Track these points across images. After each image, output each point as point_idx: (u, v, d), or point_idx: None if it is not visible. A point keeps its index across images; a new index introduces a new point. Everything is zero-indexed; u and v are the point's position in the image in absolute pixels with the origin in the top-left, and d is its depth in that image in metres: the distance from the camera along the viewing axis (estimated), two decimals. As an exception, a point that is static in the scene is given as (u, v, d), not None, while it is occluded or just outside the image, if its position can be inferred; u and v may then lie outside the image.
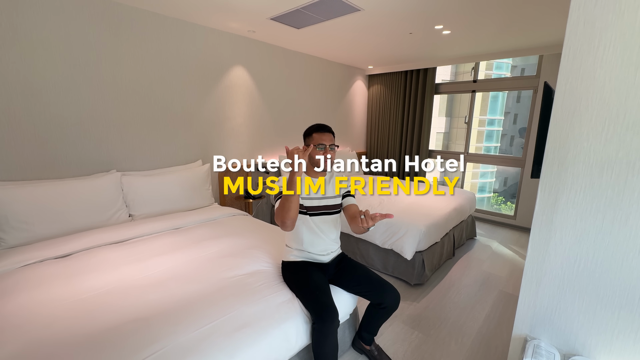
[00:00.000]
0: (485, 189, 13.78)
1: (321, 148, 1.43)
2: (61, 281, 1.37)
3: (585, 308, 1.12)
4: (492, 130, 13.23)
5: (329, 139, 1.45)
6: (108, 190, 2.12)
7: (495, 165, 4.54)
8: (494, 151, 13.53)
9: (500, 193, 11.70)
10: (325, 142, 1.43)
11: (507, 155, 4.03)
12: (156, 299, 1.25)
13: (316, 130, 1.46)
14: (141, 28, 2.35)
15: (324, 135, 1.44)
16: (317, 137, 1.44)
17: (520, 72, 11.03)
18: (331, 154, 1.45)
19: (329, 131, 1.47)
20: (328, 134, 1.46)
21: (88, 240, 1.77)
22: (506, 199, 7.44)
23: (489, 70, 12.56)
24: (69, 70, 2.05)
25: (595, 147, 1.04)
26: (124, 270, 1.49)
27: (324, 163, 1.44)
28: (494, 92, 4.05)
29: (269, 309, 1.26)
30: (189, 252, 1.72)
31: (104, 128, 2.26)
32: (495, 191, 12.93)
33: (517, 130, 9.08)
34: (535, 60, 4.59)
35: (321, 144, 1.43)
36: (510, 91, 4.08)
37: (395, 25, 2.62)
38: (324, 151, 1.43)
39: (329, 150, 1.44)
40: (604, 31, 0.98)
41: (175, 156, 2.70)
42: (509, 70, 13.67)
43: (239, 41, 3.03)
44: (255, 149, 3.38)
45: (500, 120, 13.37)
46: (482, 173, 13.45)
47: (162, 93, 2.54)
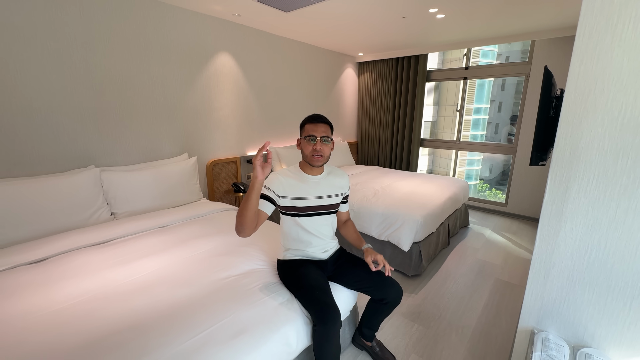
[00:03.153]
0: (472, 176, 14.05)
1: (312, 140, 1.31)
2: (35, 290, 1.25)
3: (596, 299, 1.09)
4: (478, 118, 13.39)
5: (322, 131, 1.32)
6: (86, 187, 1.96)
7: (483, 153, 4.54)
8: (480, 139, 13.74)
9: (486, 180, 11.94)
10: (316, 133, 1.31)
11: (498, 142, 4.03)
12: (143, 306, 1.15)
13: (309, 120, 1.34)
14: (116, 10, 2.15)
15: (317, 126, 1.32)
16: (309, 128, 1.32)
17: (505, 60, 11.11)
18: (322, 147, 1.31)
19: (324, 122, 1.34)
20: (322, 124, 1.33)
21: (65, 242, 1.63)
22: (491, 185, 7.57)
23: (475, 58, 12.63)
24: (36, 57, 1.86)
25: (611, 132, 0.98)
26: (106, 274, 1.37)
27: (312, 158, 1.32)
28: (485, 79, 3.99)
29: (266, 312, 1.18)
30: (177, 252, 1.61)
31: (80, 120, 2.09)
32: (481, 178, 13.22)
33: (501, 118, 9.25)
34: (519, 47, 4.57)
35: (311, 136, 1.31)
36: (498, 78, 4.02)
37: (389, 8, 2.51)
38: (314, 144, 1.31)
39: (320, 143, 1.31)
40: (623, 7, 0.91)
41: (160, 149, 2.55)
42: (495, 57, 13.78)
43: (224, 25, 2.85)
44: (244, 140, 3.24)
45: (487, 108, 13.53)
46: (469, 161, 13.66)
47: (142, 81, 2.37)
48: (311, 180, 1.39)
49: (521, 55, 6.46)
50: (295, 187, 1.35)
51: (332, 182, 1.44)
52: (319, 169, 1.41)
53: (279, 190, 1.32)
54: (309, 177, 1.40)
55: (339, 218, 1.57)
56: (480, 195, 6.02)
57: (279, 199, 1.33)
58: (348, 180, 1.51)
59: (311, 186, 1.38)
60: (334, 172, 1.48)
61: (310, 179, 1.39)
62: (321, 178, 1.42)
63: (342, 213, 1.57)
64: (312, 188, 1.38)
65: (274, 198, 1.32)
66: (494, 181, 7.85)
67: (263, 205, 1.29)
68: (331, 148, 1.38)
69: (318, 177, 1.41)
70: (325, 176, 1.44)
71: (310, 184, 1.38)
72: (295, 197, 1.35)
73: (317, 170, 1.41)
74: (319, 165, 1.36)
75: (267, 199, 1.30)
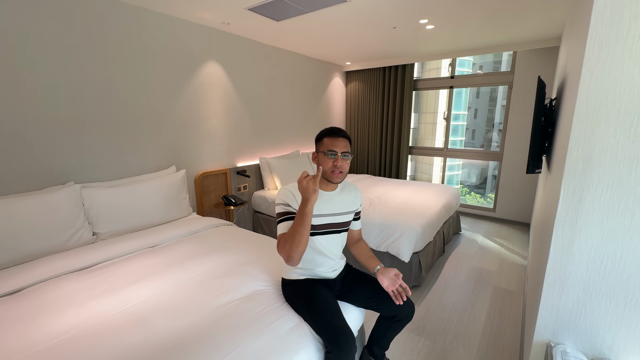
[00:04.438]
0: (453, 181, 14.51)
1: (332, 155, 1.23)
2: (12, 327, 1.09)
3: (613, 310, 1.08)
4: (457, 124, 13.89)
5: (343, 146, 1.24)
6: (65, 206, 1.80)
7: (467, 159, 4.65)
8: (459, 145, 14.25)
9: (465, 184, 12.38)
10: (337, 149, 1.23)
11: (485, 150, 4.12)
12: (139, 341, 1.03)
13: (328, 134, 1.26)
14: (96, 17, 2.03)
15: (337, 140, 1.24)
16: (328, 142, 1.24)
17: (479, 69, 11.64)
18: (343, 163, 1.24)
19: (344, 136, 1.27)
20: (342, 139, 1.25)
21: (43, 269, 1.47)
22: (470, 189, 7.83)
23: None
24: (6, 67, 1.70)
25: (624, 143, 0.98)
26: (93, 305, 1.24)
27: (332, 174, 1.24)
28: (469, 87, 4.10)
29: (276, 340, 1.09)
30: (171, 275, 1.48)
31: (57, 134, 1.93)
32: (461, 182, 13.71)
33: (477, 124, 9.69)
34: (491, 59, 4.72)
35: (332, 151, 1.23)
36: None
37: (380, 18, 2.52)
38: (334, 160, 1.23)
39: (340, 159, 1.23)
40: (633, 20, 0.92)
41: (145, 163, 2.40)
42: (471, 67, 14.42)
43: (212, 34, 2.76)
44: (234, 150, 3.13)
45: (464, 115, 14.06)
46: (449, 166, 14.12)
47: (124, 92, 2.23)
48: (325, 197, 1.30)
49: (494, 65, 6.73)
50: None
51: (345, 198, 1.36)
52: (333, 184, 1.32)
53: (295, 204, 1.24)
54: (322, 193, 1.30)
55: (350, 236, 1.49)
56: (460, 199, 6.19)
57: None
58: (360, 194, 1.45)
59: (325, 203, 1.30)
60: (347, 188, 1.40)
61: (324, 195, 1.30)
62: (335, 194, 1.33)
63: (354, 231, 1.49)
64: (326, 205, 1.30)
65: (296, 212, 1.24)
66: (472, 186, 8.10)
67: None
68: (349, 164, 1.31)
69: (332, 193, 1.33)
70: (339, 192, 1.35)
71: (324, 200, 1.30)
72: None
73: (332, 186, 1.32)
74: (339, 182, 1.28)
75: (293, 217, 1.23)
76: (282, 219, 1.23)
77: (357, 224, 1.46)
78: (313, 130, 4.20)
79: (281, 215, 1.24)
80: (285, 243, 1.16)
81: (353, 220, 1.43)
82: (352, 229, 1.48)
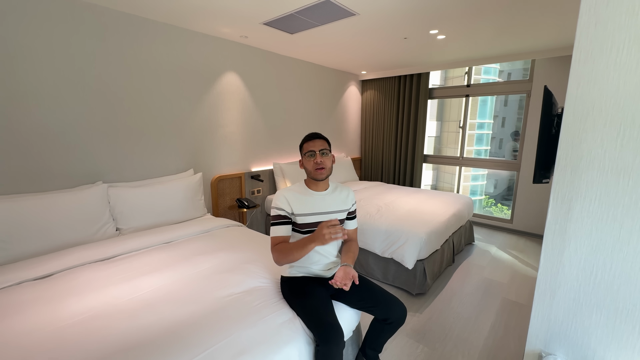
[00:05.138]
0: (477, 191, 13.91)
1: (311, 155, 1.36)
2: (40, 307, 1.26)
3: (604, 322, 1.07)
4: (482, 133, 13.42)
5: (320, 145, 1.37)
6: (94, 203, 2.00)
7: (487, 168, 4.54)
8: (484, 154, 13.75)
9: (491, 195, 11.83)
10: (315, 148, 1.36)
11: (501, 159, 4.03)
12: (146, 325, 1.15)
13: (307, 139, 1.41)
14: (129, 34, 2.26)
15: (314, 142, 1.38)
16: (306, 145, 1.39)
17: (507, 77, 11.29)
18: (322, 159, 1.36)
19: (320, 137, 1.41)
20: (319, 140, 1.39)
21: (71, 258, 1.65)
22: (497, 201, 7.55)
23: (477, 75, 12.83)
24: (52, 78, 1.95)
25: (611, 153, 0.99)
26: (110, 291, 1.38)
27: (315, 172, 1.36)
28: (487, 96, 4.05)
29: (269, 331, 1.17)
30: (181, 268, 1.61)
31: (90, 138, 2.15)
32: (486, 193, 13.07)
33: (505, 133, 9.37)
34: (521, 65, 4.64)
35: (311, 151, 1.36)
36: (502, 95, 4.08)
37: (391, 30, 2.59)
38: (314, 158, 1.36)
39: (319, 156, 1.36)
40: (617, 32, 0.94)
41: (166, 166, 2.60)
42: (497, 74, 13.95)
43: (232, 47, 2.96)
44: (249, 156, 3.29)
45: (490, 123, 13.57)
46: (473, 176, 13.59)
47: (151, 100, 2.45)
48: (317, 196, 1.41)
49: (523, 72, 6.55)
50: (302, 204, 1.37)
51: (337, 197, 1.45)
52: (324, 184, 1.43)
53: (288, 207, 1.36)
54: (315, 193, 1.42)
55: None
56: (485, 211, 5.99)
57: (295, 217, 1.38)
58: (353, 195, 1.52)
59: (317, 202, 1.40)
60: (339, 188, 1.49)
61: (316, 195, 1.41)
62: (327, 194, 1.44)
63: (349, 231, 1.55)
64: (319, 204, 1.40)
65: (291, 217, 1.38)
66: (499, 196, 7.83)
67: (287, 230, 1.37)
68: (332, 161, 1.41)
69: (324, 193, 1.43)
70: (331, 192, 1.46)
71: (317, 199, 1.40)
72: (302, 214, 1.37)
73: (323, 186, 1.43)
74: (323, 178, 1.38)
75: (287, 222, 1.37)
76: (274, 222, 1.36)
77: (350, 223, 1.52)
78: (327, 138, 4.30)
79: (274, 219, 1.37)
80: (279, 253, 1.31)
81: (347, 220, 1.50)
82: (346, 229, 1.52)
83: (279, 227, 1.36)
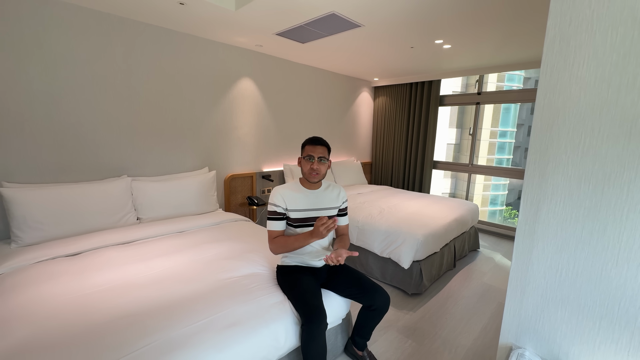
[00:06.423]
0: (497, 201, 13.40)
1: (310, 159, 1.49)
2: (69, 277, 1.47)
3: (568, 318, 1.14)
4: (504, 142, 12.97)
5: (320, 152, 1.49)
6: (118, 194, 2.24)
7: (504, 177, 4.49)
8: (506, 163, 13.24)
9: (515, 206, 11.40)
10: (314, 154, 1.48)
11: (512, 167, 4.01)
12: (154, 297, 1.33)
13: (309, 142, 1.53)
14: (154, 43, 2.52)
15: (316, 147, 1.50)
16: (308, 149, 1.51)
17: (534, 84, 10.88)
18: (318, 166, 1.49)
19: (322, 144, 1.52)
20: (320, 146, 1.51)
21: (97, 240, 1.88)
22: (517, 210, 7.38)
23: (500, 82, 12.47)
24: (87, 82, 2.22)
25: (573, 159, 1.07)
26: (127, 269, 1.58)
27: (310, 175, 1.50)
28: (499, 104, 4.05)
29: (260, 309, 1.32)
30: (189, 254, 1.80)
31: (118, 136, 2.41)
32: (509, 204, 12.52)
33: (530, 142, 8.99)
34: None
35: (310, 156, 1.49)
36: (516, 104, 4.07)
37: (396, 40, 2.71)
38: (312, 163, 1.49)
39: (317, 163, 1.48)
40: (578, 49, 1.03)
41: (183, 163, 2.83)
42: (521, 81, 13.49)
43: (247, 54, 3.18)
44: (260, 156, 3.49)
45: (513, 132, 13.10)
46: (493, 185, 13.13)
47: (172, 103, 2.69)
48: (310, 194, 1.56)
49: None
50: (296, 201, 1.52)
51: (329, 195, 1.59)
52: (317, 183, 1.57)
53: (283, 204, 1.51)
54: (308, 191, 1.56)
55: (335, 230, 1.68)
56: (508, 222, 5.87)
57: (288, 212, 1.52)
58: (345, 193, 1.65)
59: (310, 199, 1.54)
60: (331, 187, 1.63)
61: (309, 192, 1.56)
62: (319, 192, 1.58)
63: (340, 227, 1.67)
64: (312, 201, 1.54)
65: (286, 213, 1.52)
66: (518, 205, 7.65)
67: (282, 225, 1.52)
68: (327, 167, 1.55)
69: (317, 190, 1.58)
70: (324, 190, 1.60)
71: (310, 196, 1.55)
72: (295, 210, 1.51)
73: (316, 185, 1.57)
74: (315, 182, 1.53)
75: (282, 217, 1.51)
76: (270, 217, 1.52)
77: (342, 219, 1.65)
78: (338, 142, 4.44)
79: (270, 214, 1.52)
80: (278, 244, 1.48)
81: (338, 217, 1.62)
82: (339, 225, 1.66)
83: (274, 222, 1.51)
